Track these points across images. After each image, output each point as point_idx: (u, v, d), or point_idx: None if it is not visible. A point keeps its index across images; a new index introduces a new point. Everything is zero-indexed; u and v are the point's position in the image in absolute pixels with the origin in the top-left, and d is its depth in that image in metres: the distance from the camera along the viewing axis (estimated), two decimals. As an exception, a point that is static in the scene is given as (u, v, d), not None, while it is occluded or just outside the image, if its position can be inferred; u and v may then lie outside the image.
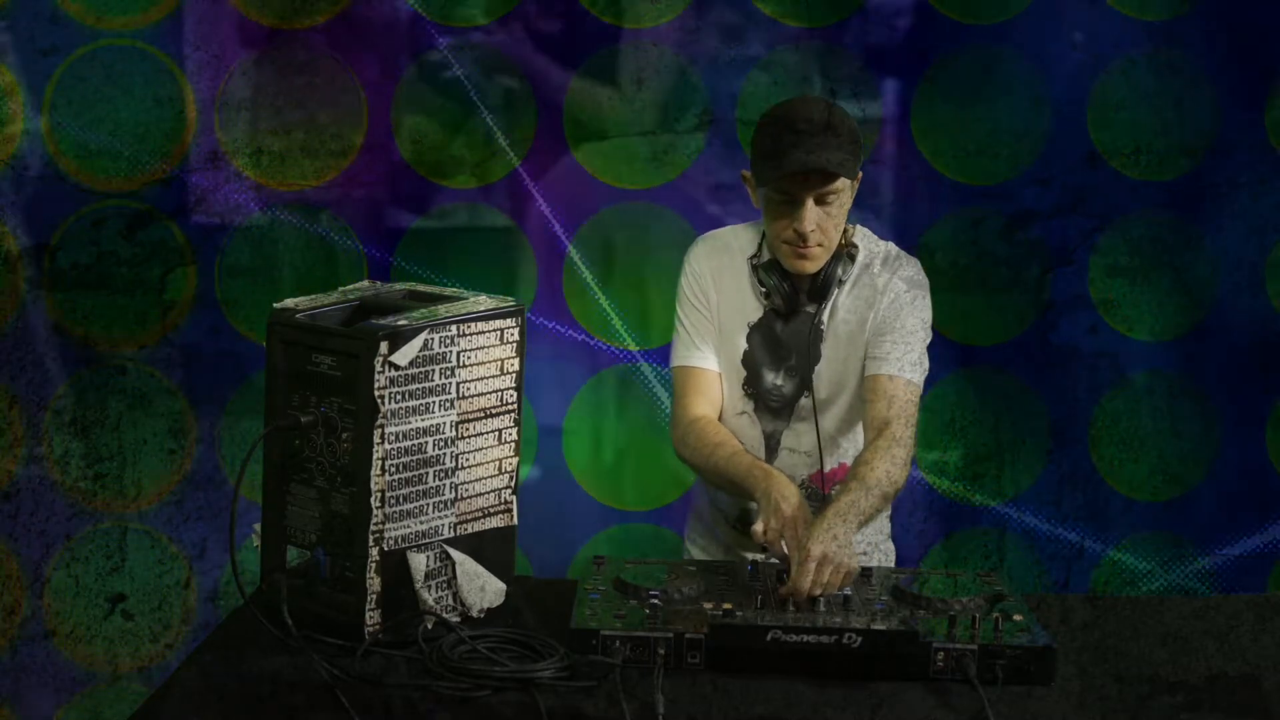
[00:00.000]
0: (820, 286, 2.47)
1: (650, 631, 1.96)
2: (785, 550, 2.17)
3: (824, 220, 2.39)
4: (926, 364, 2.51)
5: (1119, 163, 3.57)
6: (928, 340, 2.52)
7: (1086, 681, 1.98)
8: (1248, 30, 3.54)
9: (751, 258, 2.53)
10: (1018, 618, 2.03)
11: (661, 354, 3.54)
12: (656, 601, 2.06)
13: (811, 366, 2.51)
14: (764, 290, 2.49)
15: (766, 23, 3.51)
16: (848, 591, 2.08)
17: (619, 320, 3.58)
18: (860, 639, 1.94)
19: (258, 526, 2.12)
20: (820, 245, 2.42)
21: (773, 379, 2.53)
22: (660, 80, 3.52)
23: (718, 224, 3.47)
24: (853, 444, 2.57)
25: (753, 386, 2.55)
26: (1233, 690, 1.98)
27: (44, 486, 3.52)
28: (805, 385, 2.52)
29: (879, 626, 1.96)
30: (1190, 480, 3.65)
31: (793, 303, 2.49)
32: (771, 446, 2.57)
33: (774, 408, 2.55)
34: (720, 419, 2.57)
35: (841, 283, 2.49)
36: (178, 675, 1.96)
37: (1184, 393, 3.63)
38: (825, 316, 2.50)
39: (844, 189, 2.40)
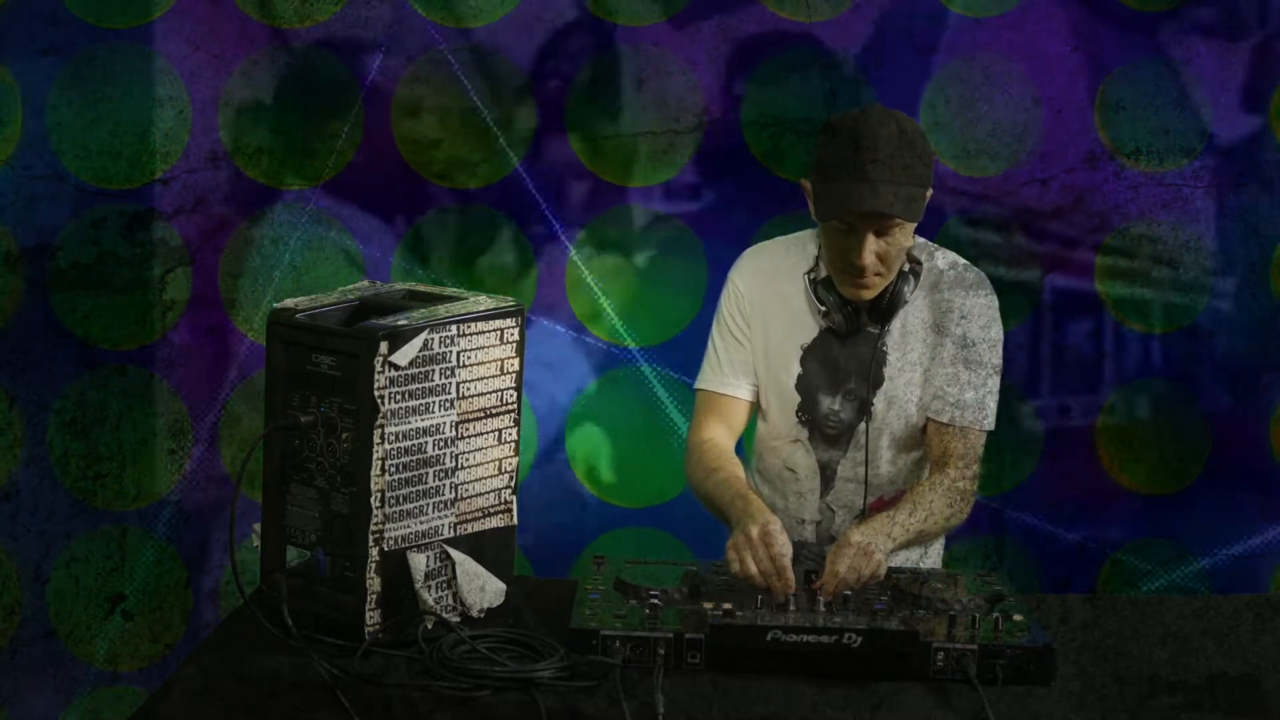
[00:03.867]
0: (885, 307, 2.35)
1: (650, 631, 1.96)
2: (748, 574, 2.10)
3: (884, 250, 2.28)
4: (995, 402, 2.43)
5: (1119, 163, 3.57)
6: (999, 370, 2.43)
7: (1086, 681, 1.98)
8: (1248, 30, 3.54)
9: (809, 273, 2.40)
10: (1018, 618, 2.03)
11: (661, 353, 3.54)
12: (656, 601, 2.06)
13: (873, 391, 2.41)
14: (823, 309, 2.37)
15: (767, 20, 3.51)
16: (848, 591, 2.08)
17: (619, 320, 3.58)
18: (860, 639, 1.93)
19: (258, 526, 2.12)
20: (879, 275, 2.31)
21: (829, 404, 2.43)
22: (660, 80, 3.52)
23: (717, 223, 3.50)
24: (913, 473, 2.48)
25: (808, 413, 2.45)
26: (1233, 690, 1.98)
27: (44, 486, 3.51)
28: (865, 410, 2.41)
29: (879, 626, 1.96)
30: (1190, 480, 3.65)
31: (854, 323, 2.37)
32: (827, 476, 2.48)
33: (831, 435, 2.45)
34: (764, 445, 2.50)
35: (906, 302, 2.37)
36: (178, 675, 1.96)
37: (1184, 392, 3.64)
38: (889, 338, 2.40)
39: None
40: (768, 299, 2.46)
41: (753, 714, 1.85)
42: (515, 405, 2.16)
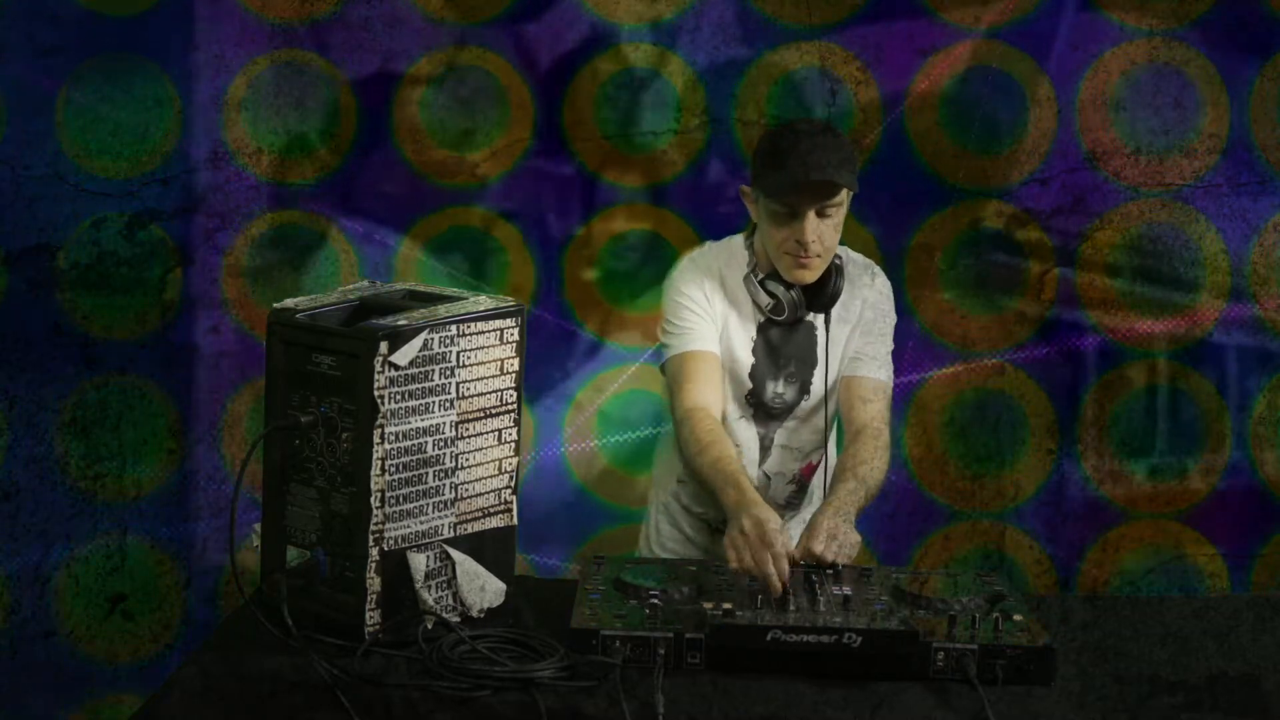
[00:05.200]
0: (824, 297, 2.54)
1: (650, 631, 1.96)
2: (745, 568, 2.13)
3: (824, 231, 2.47)
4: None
5: (1119, 163, 3.57)
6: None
7: (1086, 681, 1.98)
8: (1248, 30, 3.54)
9: (750, 274, 2.57)
10: (1018, 618, 2.03)
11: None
12: (656, 601, 2.06)
13: (811, 371, 2.61)
14: (771, 303, 2.54)
15: (766, 22, 3.51)
16: (848, 591, 2.08)
17: (620, 319, 3.58)
18: (860, 639, 1.94)
19: (258, 526, 2.12)
20: (819, 256, 2.49)
21: (774, 388, 2.62)
22: (660, 80, 3.53)
23: (718, 223, 3.50)
24: (826, 434, 2.69)
25: (755, 397, 2.62)
26: (1233, 690, 1.98)
27: (44, 486, 3.51)
28: (805, 390, 2.62)
29: (879, 626, 1.96)
30: (1190, 479, 3.65)
31: (799, 312, 2.56)
32: (766, 445, 2.65)
33: (775, 413, 2.64)
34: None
35: (840, 292, 2.56)
36: (178, 675, 1.96)
37: (1184, 392, 3.64)
38: (826, 324, 2.58)
39: (843, 201, 2.48)
40: (719, 296, 2.60)
41: (753, 714, 1.85)
42: (515, 405, 2.16)
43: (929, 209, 3.57)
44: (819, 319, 2.58)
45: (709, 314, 2.58)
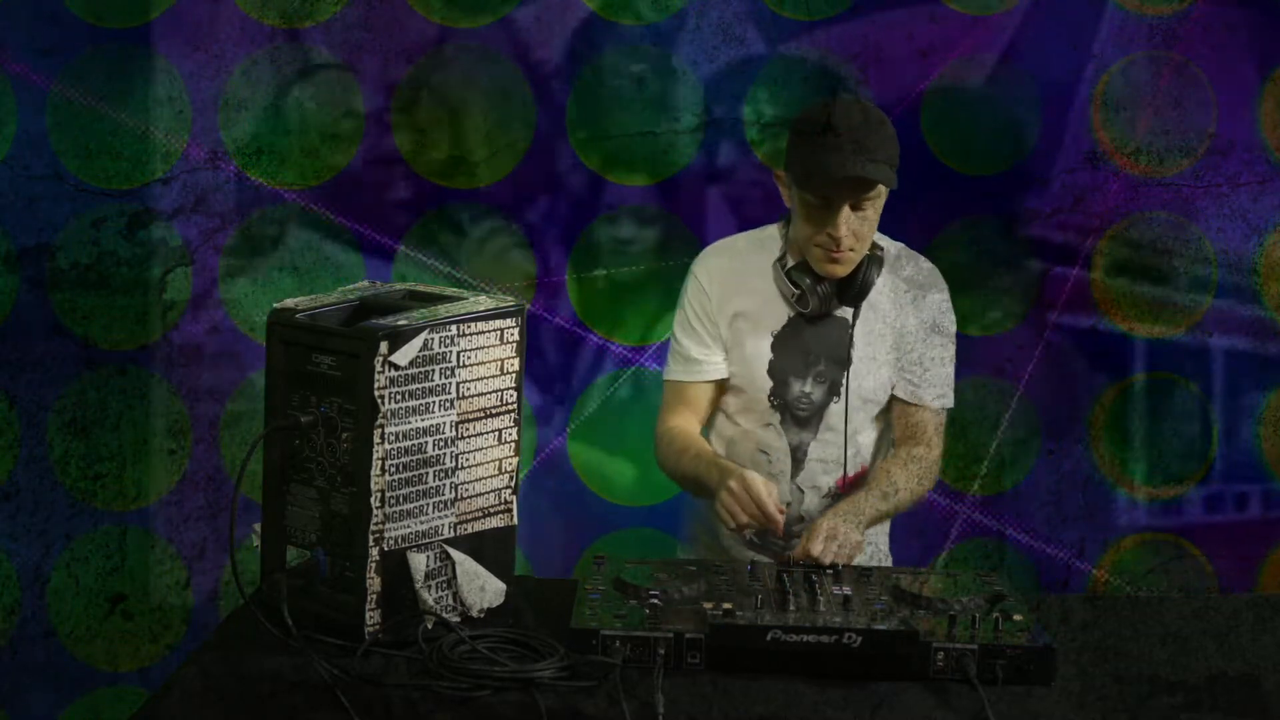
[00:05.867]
0: (854, 289, 2.43)
1: (650, 631, 1.96)
2: (740, 524, 2.20)
3: (859, 226, 2.37)
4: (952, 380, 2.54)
5: (1119, 163, 3.57)
6: (954, 351, 2.54)
7: (1086, 681, 1.98)
8: (1247, 30, 3.54)
9: (779, 261, 2.48)
10: (1018, 618, 2.03)
11: (661, 352, 3.54)
12: (656, 601, 2.06)
13: (844, 371, 2.48)
14: (796, 293, 2.44)
15: (768, 20, 3.51)
16: (848, 591, 2.08)
17: (620, 319, 3.58)
18: (860, 639, 1.94)
19: (258, 526, 2.12)
20: (853, 250, 2.39)
21: (800, 387, 2.50)
22: (660, 80, 3.52)
23: (718, 224, 3.51)
24: (880, 448, 2.58)
25: (779, 396, 2.51)
26: (1232, 690, 1.98)
27: (44, 486, 3.52)
28: (835, 391, 2.49)
29: (879, 626, 1.96)
30: (1189, 479, 3.65)
31: (827, 305, 2.45)
32: (799, 458, 2.54)
33: (802, 417, 2.52)
34: (736, 431, 2.56)
35: (873, 285, 2.45)
36: (178, 675, 1.95)
37: (1183, 392, 3.64)
38: (858, 319, 2.47)
39: (880, 195, 2.38)
40: (737, 296, 2.52)
41: (753, 714, 1.85)
42: (515, 405, 2.16)
43: (929, 208, 3.57)
44: (857, 314, 2.46)
45: (713, 332, 2.51)
